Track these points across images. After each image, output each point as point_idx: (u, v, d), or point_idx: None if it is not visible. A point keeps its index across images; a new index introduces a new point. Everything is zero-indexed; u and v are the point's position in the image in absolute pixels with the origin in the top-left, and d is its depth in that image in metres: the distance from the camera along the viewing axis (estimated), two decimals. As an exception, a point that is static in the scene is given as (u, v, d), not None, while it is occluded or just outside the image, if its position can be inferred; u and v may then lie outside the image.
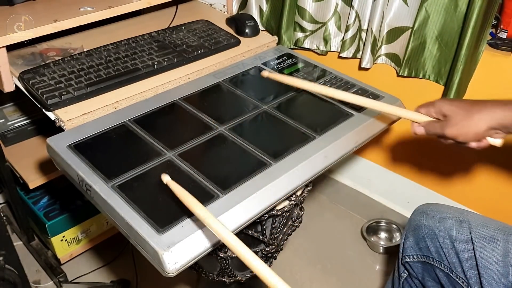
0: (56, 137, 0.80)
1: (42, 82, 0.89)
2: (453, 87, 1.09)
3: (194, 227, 0.64)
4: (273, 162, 0.76)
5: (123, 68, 0.94)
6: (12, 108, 1.29)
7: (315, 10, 1.25)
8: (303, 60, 1.08)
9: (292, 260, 1.40)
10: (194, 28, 1.12)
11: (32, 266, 1.38)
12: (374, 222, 1.51)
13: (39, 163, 1.17)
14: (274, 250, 0.93)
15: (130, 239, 0.67)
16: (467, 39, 1.03)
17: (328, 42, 1.29)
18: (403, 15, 1.15)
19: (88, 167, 0.74)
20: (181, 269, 0.62)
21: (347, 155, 0.85)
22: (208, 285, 1.13)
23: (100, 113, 0.87)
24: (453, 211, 0.83)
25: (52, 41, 1.07)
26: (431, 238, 0.82)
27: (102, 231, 1.36)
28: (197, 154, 0.79)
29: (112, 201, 0.68)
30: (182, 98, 0.92)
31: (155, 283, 1.33)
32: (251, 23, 1.15)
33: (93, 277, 1.36)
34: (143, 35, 1.07)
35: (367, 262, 1.43)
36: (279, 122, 0.88)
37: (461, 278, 0.78)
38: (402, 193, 1.46)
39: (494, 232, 0.76)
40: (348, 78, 1.02)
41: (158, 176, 0.71)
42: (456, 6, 1.07)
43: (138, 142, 0.80)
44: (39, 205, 1.29)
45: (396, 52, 1.21)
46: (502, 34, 1.12)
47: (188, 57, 1.01)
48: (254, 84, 1.00)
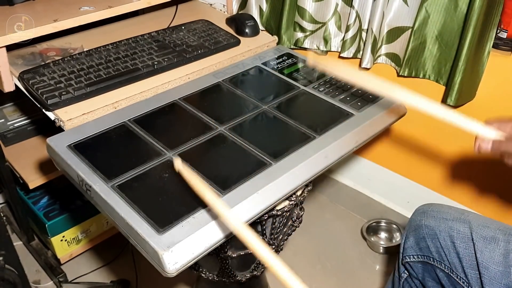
0: (56, 137, 0.80)
1: (42, 82, 0.88)
2: (455, 87, 1.09)
3: (194, 227, 0.64)
4: (273, 162, 0.76)
5: (123, 68, 0.94)
6: (12, 108, 1.29)
7: (315, 10, 1.25)
8: (303, 60, 1.08)
9: (292, 260, 1.40)
10: (194, 28, 1.12)
11: (32, 266, 1.38)
12: (374, 222, 1.51)
13: (39, 163, 1.17)
14: (274, 250, 0.93)
15: (130, 239, 0.67)
16: (468, 39, 1.03)
17: (328, 42, 1.28)
18: (403, 15, 1.15)
19: (88, 167, 0.74)
20: (181, 269, 0.62)
21: (347, 155, 0.85)
22: (208, 285, 1.13)
23: (100, 113, 0.86)
24: (454, 211, 0.83)
25: (52, 41, 1.06)
26: (432, 238, 0.82)
27: (102, 231, 1.36)
28: (197, 154, 0.79)
29: (112, 201, 0.68)
30: (182, 98, 0.92)
31: (155, 283, 1.33)
32: (251, 23, 1.15)
33: (93, 277, 1.36)
34: (143, 35, 1.07)
35: (367, 262, 1.43)
36: (279, 122, 0.88)
37: (462, 279, 0.78)
38: (402, 193, 1.46)
39: (495, 232, 0.76)
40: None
41: (158, 176, 0.71)
42: (456, 6, 1.07)
43: (138, 142, 0.80)
44: (39, 205, 1.29)
45: (396, 52, 1.21)
46: (502, 34, 1.12)
47: (188, 57, 1.01)
48: (254, 84, 1.00)
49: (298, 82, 1.00)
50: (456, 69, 1.07)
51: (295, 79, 1.01)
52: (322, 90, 0.97)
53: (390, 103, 0.94)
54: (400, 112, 0.96)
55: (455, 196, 1.32)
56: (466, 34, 1.03)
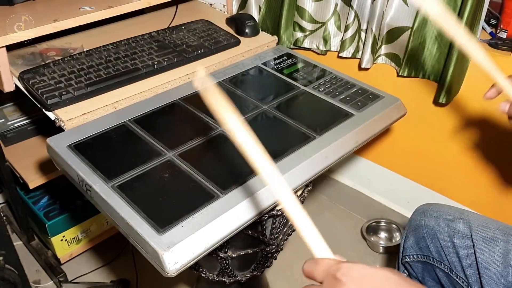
0: (56, 137, 0.80)
1: (42, 82, 0.89)
2: (447, 86, 1.09)
3: (194, 227, 0.64)
4: (274, 162, 0.76)
5: (123, 68, 0.94)
6: (12, 108, 1.29)
7: (314, 10, 1.25)
8: (303, 60, 1.08)
9: (292, 260, 1.40)
10: (194, 28, 1.12)
11: (32, 266, 1.38)
12: (374, 222, 1.51)
13: (39, 163, 1.17)
14: (274, 250, 0.93)
15: (130, 239, 0.67)
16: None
17: (328, 41, 1.29)
18: (403, 15, 1.15)
19: (88, 167, 0.74)
20: (181, 269, 0.62)
21: (347, 155, 0.85)
22: (208, 285, 1.13)
23: (100, 113, 0.87)
24: (454, 211, 0.83)
25: (52, 41, 1.07)
26: (432, 238, 0.82)
27: (102, 231, 1.36)
28: (197, 154, 0.79)
29: (112, 201, 0.68)
30: (182, 98, 0.92)
31: (155, 283, 1.33)
32: (251, 23, 1.15)
33: (93, 277, 1.36)
34: (143, 35, 1.07)
35: (367, 262, 1.43)
36: (279, 122, 0.88)
37: (461, 278, 0.78)
38: (402, 193, 1.46)
39: (494, 232, 0.76)
40: (348, 78, 1.02)
41: (158, 176, 0.71)
42: (456, 6, 1.07)
43: (138, 142, 0.80)
44: (39, 205, 1.29)
45: (396, 52, 1.21)
46: (502, 34, 1.12)
47: (188, 57, 1.01)
48: (254, 84, 1.00)
49: (298, 82, 1.00)
50: (448, 68, 1.07)
51: (295, 79, 1.01)
52: (322, 90, 0.97)
53: (390, 103, 0.94)
54: (400, 112, 0.96)
55: (455, 196, 1.32)
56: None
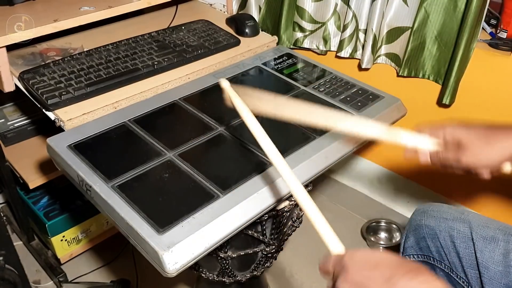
0: (56, 137, 0.80)
1: (42, 82, 0.88)
2: (451, 87, 1.09)
3: (194, 227, 0.64)
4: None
5: (123, 68, 0.94)
6: (12, 108, 1.29)
7: (314, 10, 1.25)
8: (303, 60, 1.08)
9: (292, 260, 1.40)
10: (194, 28, 1.12)
11: (32, 266, 1.38)
12: (374, 222, 1.51)
13: (39, 163, 1.17)
14: (274, 250, 0.93)
15: (130, 239, 0.67)
16: (464, 39, 1.03)
17: (327, 41, 1.29)
18: (403, 15, 1.15)
19: (88, 167, 0.74)
20: (181, 269, 0.62)
21: (347, 155, 0.85)
22: (208, 285, 1.13)
23: (100, 113, 0.87)
24: (454, 211, 0.83)
25: (52, 41, 1.06)
26: (432, 238, 0.82)
27: (102, 231, 1.36)
28: (197, 154, 0.79)
29: (112, 201, 0.68)
30: (182, 98, 0.92)
31: (155, 283, 1.33)
32: (251, 23, 1.15)
33: (93, 277, 1.36)
34: (143, 35, 1.07)
35: (367, 262, 1.42)
36: (279, 122, 0.87)
37: (462, 278, 0.78)
38: (402, 193, 1.46)
39: (495, 232, 0.76)
40: (348, 78, 1.02)
41: (158, 176, 0.71)
42: (456, 6, 1.07)
43: (138, 142, 0.80)
44: (39, 205, 1.29)
45: (396, 52, 1.21)
46: (502, 34, 1.12)
47: (188, 57, 1.01)
48: (254, 84, 1.00)
49: (298, 82, 1.00)
50: (453, 69, 1.07)
51: (295, 79, 1.01)
52: (322, 90, 0.97)
53: (390, 103, 0.94)
54: (400, 112, 0.96)
55: (455, 196, 1.32)
56: (463, 33, 1.03)
